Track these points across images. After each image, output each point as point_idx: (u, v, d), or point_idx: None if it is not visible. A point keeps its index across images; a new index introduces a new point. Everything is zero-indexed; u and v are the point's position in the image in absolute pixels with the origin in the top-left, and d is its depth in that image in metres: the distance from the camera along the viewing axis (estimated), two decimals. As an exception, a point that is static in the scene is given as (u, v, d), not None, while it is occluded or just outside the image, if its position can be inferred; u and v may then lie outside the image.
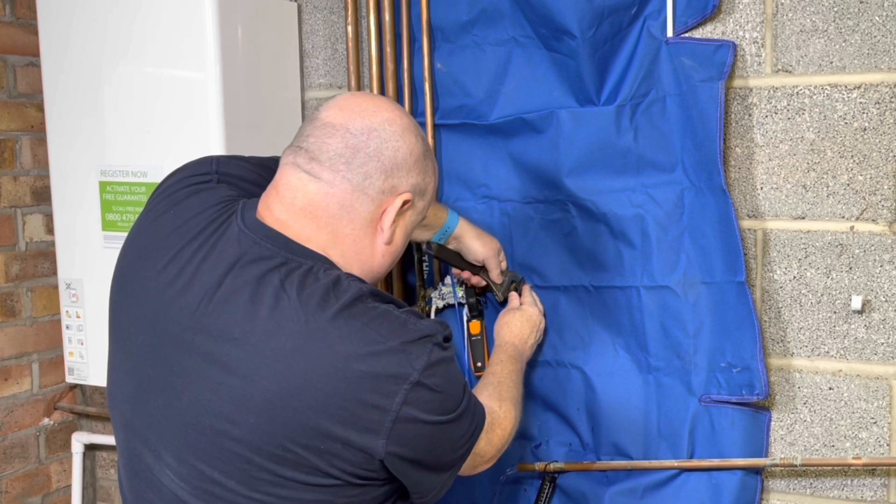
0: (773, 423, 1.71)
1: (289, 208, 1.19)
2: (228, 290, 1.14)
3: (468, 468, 1.29)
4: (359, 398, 1.10)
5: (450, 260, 1.75)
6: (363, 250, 1.22)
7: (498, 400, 1.44)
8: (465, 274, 1.78)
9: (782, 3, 1.63)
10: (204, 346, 1.14)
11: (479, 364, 1.82)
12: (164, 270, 1.19)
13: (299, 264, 1.16)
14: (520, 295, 1.78)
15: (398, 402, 1.10)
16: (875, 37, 1.58)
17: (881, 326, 1.63)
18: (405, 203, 1.22)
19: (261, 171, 1.39)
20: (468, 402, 1.22)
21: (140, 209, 1.83)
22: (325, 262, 1.18)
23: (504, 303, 1.80)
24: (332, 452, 1.11)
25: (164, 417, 1.17)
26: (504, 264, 1.78)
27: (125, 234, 1.32)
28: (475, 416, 1.25)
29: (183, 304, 1.16)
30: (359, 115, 1.20)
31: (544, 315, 1.80)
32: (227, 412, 1.12)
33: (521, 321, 1.73)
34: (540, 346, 1.81)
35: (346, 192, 1.18)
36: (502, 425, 1.39)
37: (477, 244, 1.73)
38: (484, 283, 1.79)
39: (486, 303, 1.86)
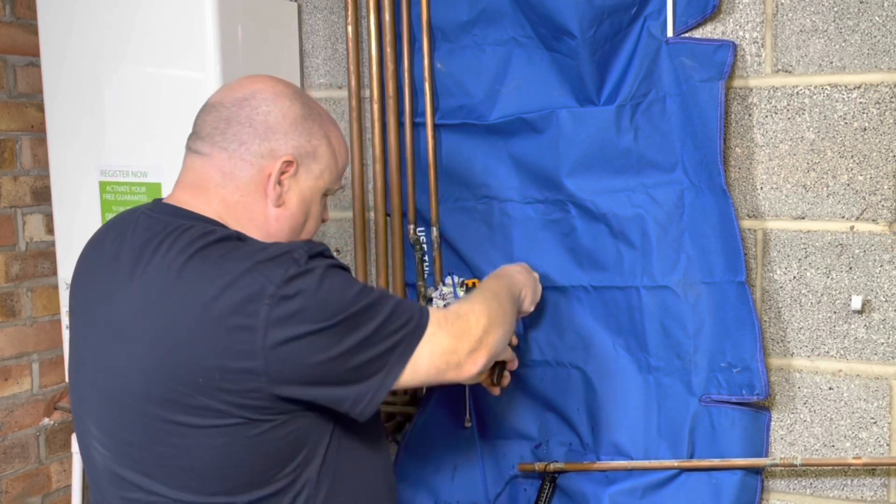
0: (773, 423, 1.71)
1: (184, 187, 1.27)
2: (122, 257, 1.21)
3: (436, 371, 1.24)
4: (224, 325, 1.12)
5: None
6: (256, 216, 1.25)
7: (465, 302, 1.37)
8: (506, 381, 1.67)
9: (782, 3, 1.63)
10: (103, 316, 1.21)
11: None
12: (97, 272, 1.27)
13: (186, 226, 1.20)
14: None
15: (262, 318, 1.11)
16: (875, 37, 1.58)
17: (881, 326, 1.63)
18: (289, 165, 1.25)
19: None
20: (368, 301, 1.18)
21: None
22: (215, 224, 1.23)
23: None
24: (214, 385, 1.13)
25: (89, 395, 1.25)
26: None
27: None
28: (394, 315, 1.20)
29: (99, 285, 1.24)
30: (234, 90, 1.26)
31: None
32: (122, 371, 1.18)
33: (508, 265, 1.68)
34: (540, 347, 1.81)
35: (224, 160, 1.24)
36: (466, 318, 1.30)
37: None
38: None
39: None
